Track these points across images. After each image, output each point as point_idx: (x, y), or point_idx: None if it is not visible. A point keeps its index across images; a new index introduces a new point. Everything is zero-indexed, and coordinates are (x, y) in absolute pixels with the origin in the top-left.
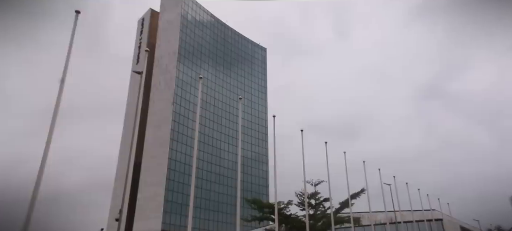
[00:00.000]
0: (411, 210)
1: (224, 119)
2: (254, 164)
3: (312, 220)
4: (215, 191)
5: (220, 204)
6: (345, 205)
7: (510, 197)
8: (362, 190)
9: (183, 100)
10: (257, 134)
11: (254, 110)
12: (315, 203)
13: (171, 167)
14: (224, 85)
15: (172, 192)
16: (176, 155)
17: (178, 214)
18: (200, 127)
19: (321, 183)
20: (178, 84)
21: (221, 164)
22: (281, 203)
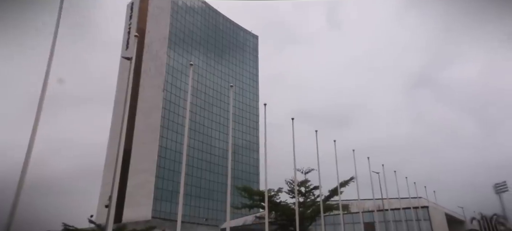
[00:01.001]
0: (399, 197)
1: (215, 106)
2: (245, 152)
3: (301, 207)
4: (205, 178)
5: (210, 191)
6: (335, 193)
7: (494, 185)
8: (351, 178)
9: (174, 87)
10: (248, 122)
11: (245, 98)
12: (305, 191)
13: (161, 155)
14: (215, 72)
15: (163, 179)
16: (167, 142)
17: (168, 201)
18: (190, 115)
19: (311, 171)
20: (169, 71)
21: (211, 152)
22: (271, 191)
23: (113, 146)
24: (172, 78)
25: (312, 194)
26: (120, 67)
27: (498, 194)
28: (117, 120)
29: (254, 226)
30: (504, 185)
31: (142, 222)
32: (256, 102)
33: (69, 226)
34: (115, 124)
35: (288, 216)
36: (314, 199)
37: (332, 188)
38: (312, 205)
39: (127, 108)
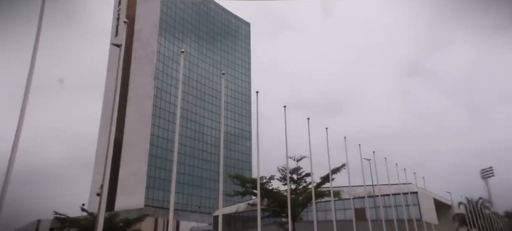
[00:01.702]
0: (389, 184)
1: (207, 95)
2: (237, 140)
3: (293, 194)
4: (198, 167)
5: (203, 179)
6: (326, 180)
7: (480, 170)
8: (343, 166)
9: (165, 75)
10: (240, 111)
11: (237, 86)
12: (297, 178)
13: (153, 143)
14: (207, 60)
15: (155, 168)
16: (159, 131)
17: (161, 189)
18: (182, 103)
19: (303, 159)
20: (160, 59)
21: (204, 140)
22: (263, 178)
23: (104, 134)
24: (163, 66)
25: (304, 181)
26: (110, 54)
27: (485, 179)
28: (108, 108)
29: (247, 213)
30: (490, 170)
31: (134, 210)
32: (248, 90)
33: (60, 214)
34: (105, 112)
35: (280, 203)
36: (306, 186)
37: (323, 175)
38: (304, 192)
39: (117, 96)
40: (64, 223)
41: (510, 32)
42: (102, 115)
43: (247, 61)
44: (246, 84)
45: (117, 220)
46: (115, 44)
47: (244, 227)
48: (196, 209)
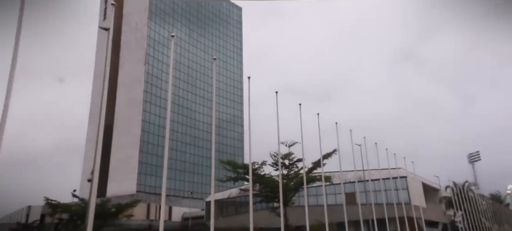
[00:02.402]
0: (379, 169)
1: (198, 80)
2: (229, 126)
3: (285, 179)
4: (190, 152)
5: (195, 165)
6: (317, 165)
7: (468, 155)
8: (334, 151)
9: (156, 61)
10: (232, 96)
11: (229, 71)
12: (289, 163)
13: (144, 129)
14: (198, 45)
15: (147, 154)
16: (150, 117)
17: (153, 175)
18: (173, 89)
19: (294, 144)
20: (150, 44)
21: (196, 126)
22: (255, 164)
23: (94, 120)
24: (154, 51)
25: (296, 166)
26: (98, 38)
27: (472, 163)
28: (97, 94)
29: (239, 199)
30: (477, 155)
31: (127, 196)
32: (240, 76)
33: (51, 200)
34: (95, 98)
35: (272, 188)
36: (298, 171)
37: (315, 161)
38: (296, 177)
39: (106, 81)
40: (55, 209)
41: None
42: (92, 101)
43: (238, 47)
44: (237, 70)
45: (109, 206)
46: (103, 27)
47: (236, 212)
48: (188, 195)
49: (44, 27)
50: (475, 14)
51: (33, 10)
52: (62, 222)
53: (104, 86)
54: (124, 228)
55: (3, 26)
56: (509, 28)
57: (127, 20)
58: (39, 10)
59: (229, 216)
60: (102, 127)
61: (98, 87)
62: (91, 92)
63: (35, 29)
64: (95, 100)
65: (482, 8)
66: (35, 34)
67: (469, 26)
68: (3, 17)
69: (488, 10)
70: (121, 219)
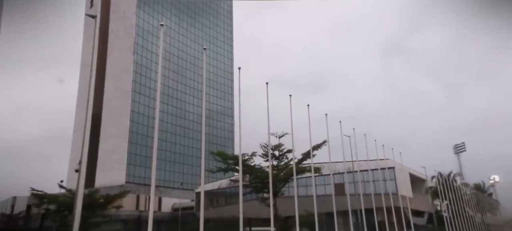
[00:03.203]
0: (367, 159)
1: (188, 71)
2: (220, 117)
3: (275, 170)
4: (180, 143)
5: (185, 156)
6: (307, 156)
7: (453, 146)
8: (324, 142)
9: (145, 50)
10: (222, 87)
11: (219, 62)
12: (279, 154)
13: (133, 120)
14: (188, 35)
15: (136, 144)
16: (139, 107)
17: (142, 166)
18: (163, 79)
19: (285, 135)
20: (139, 33)
21: (186, 117)
22: (245, 155)
23: (82, 110)
24: (142, 40)
25: (286, 157)
26: (85, 26)
27: (457, 154)
28: (84, 83)
29: (229, 189)
30: (463, 146)
31: (116, 187)
32: (231, 67)
33: (37, 191)
34: (82, 87)
35: (262, 178)
36: (288, 162)
37: (305, 152)
38: (285, 168)
39: (94, 71)
40: (41, 200)
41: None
42: (79, 90)
43: (229, 37)
44: (228, 61)
45: (97, 196)
46: (89, 15)
47: (226, 202)
48: (178, 186)
49: (28, 14)
50: (462, 7)
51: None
52: (49, 212)
53: (91, 76)
54: (113, 219)
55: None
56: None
57: (115, 8)
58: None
59: (219, 207)
60: (89, 117)
61: (85, 77)
62: (78, 80)
63: (18, 16)
64: (82, 90)
65: (468, 2)
66: (18, 21)
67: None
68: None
69: (473, 4)
70: (110, 210)
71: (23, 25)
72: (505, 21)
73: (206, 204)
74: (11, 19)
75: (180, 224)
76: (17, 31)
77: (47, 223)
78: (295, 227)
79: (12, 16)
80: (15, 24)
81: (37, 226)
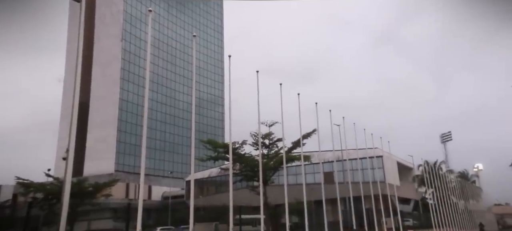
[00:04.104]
0: (356, 148)
1: (178, 59)
2: (210, 106)
3: (265, 158)
4: (170, 132)
5: (175, 145)
6: (297, 145)
7: (440, 135)
8: (313, 131)
9: (133, 37)
10: (213, 76)
11: (209, 50)
12: (269, 143)
13: (122, 108)
14: (177, 22)
15: (125, 133)
16: (128, 95)
17: (132, 155)
18: (152, 67)
19: (275, 124)
20: (127, 19)
21: (175, 106)
22: (235, 143)
23: (68, 98)
24: (131, 27)
25: (276, 146)
26: (70, 12)
27: (443, 143)
28: (71, 70)
29: (219, 178)
30: (449, 135)
31: (105, 176)
32: (221, 55)
33: (23, 180)
34: (68, 75)
35: (252, 167)
36: (278, 151)
37: (295, 140)
38: (275, 157)
39: (80, 58)
40: (28, 189)
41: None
42: (65, 78)
43: (219, 24)
44: (218, 49)
45: (86, 185)
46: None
47: (216, 191)
48: (168, 174)
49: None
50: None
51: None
52: (36, 201)
53: (77, 63)
54: (103, 208)
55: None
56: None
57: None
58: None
59: (209, 195)
60: (76, 105)
61: (71, 64)
62: (64, 68)
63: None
64: (68, 77)
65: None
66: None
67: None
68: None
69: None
70: (99, 198)
71: (5, 11)
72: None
73: (197, 192)
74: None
75: (170, 212)
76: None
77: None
78: (284, 215)
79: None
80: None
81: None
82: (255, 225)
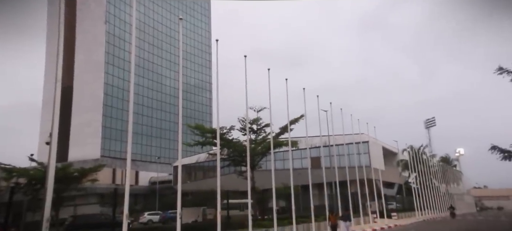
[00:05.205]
0: (343, 134)
1: (164, 42)
2: (197, 91)
3: (253, 144)
4: (156, 117)
5: (162, 130)
6: (285, 130)
7: (425, 120)
8: (301, 116)
9: (117, 20)
10: (200, 61)
11: (196, 34)
12: (257, 128)
13: (107, 93)
14: (163, 4)
15: (110, 118)
16: (113, 80)
17: (118, 140)
18: (138, 51)
19: (263, 110)
20: (110, 1)
21: (162, 91)
22: (223, 128)
23: (50, 82)
24: (115, 9)
25: (263, 131)
26: None
27: (428, 129)
28: (52, 54)
29: (207, 163)
30: (433, 121)
31: (90, 161)
32: (209, 40)
33: (5, 164)
34: (49, 58)
35: (240, 152)
36: (265, 136)
37: (282, 126)
38: (263, 142)
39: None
40: (10, 174)
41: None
42: (46, 61)
43: (206, 8)
44: (205, 33)
45: (71, 170)
46: None
47: (204, 176)
48: (155, 160)
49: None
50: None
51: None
52: (19, 186)
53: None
54: (89, 193)
55: None
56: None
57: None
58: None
59: (197, 180)
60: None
61: (52, 47)
62: (45, 51)
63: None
64: (49, 62)
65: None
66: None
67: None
68: None
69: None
70: (84, 183)
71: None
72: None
73: (184, 177)
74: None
75: (158, 197)
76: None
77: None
78: (272, 199)
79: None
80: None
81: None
82: (243, 210)
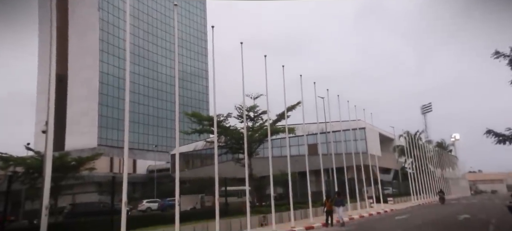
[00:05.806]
0: (340, 120)
1: (159, 29)
2: (194, 79)
3: (250, 131)
4: (153, 106)
5: (159, 119)
6: (282, 117)
7: (421, 106)
8: (298, 103)
9: (111, 6)
10: (196, 48)
11: (192, 21)
12: (254, 115)
13: (103, 81)
14: None
15: (107, 107)
16: (108, 68)
17: (115, 129)
18: (132, 38)
19: (260, 97)
20: None
21: (158, 79)
22: (220, 116)
23: (44, 71)
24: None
25: (261, 118)
26: None
27: (424, 114)
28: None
29: (204, 151)
30: (429, 106)
31: (87, 150)
32: (205, 27)
33: (2, 153)
34: (42, 46)
35: (237, 139)
36: (262, 123)
37: (279, 113)
38: (260, 129)
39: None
40: (7, 162)
41: None
42: (39, 49)
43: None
44: (201, 20)
45: (68, 159)
46: None
47: (202, 164)
48: (153, 148)
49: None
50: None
51: None
52: (16, 175)
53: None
54: (87, 181)
55: None
56: None
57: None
58: None
59: (195, 168)
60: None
61: (45, 35)
62: (37, 39)
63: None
64: (42, 50)
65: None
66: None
67: None
68: None
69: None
70: (82, 172)
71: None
72: None
73: (182, 165)
74: None
75: (156, 185)
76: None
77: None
78: (269, 186)
79: None
80: None
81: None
82: (241, 196)
